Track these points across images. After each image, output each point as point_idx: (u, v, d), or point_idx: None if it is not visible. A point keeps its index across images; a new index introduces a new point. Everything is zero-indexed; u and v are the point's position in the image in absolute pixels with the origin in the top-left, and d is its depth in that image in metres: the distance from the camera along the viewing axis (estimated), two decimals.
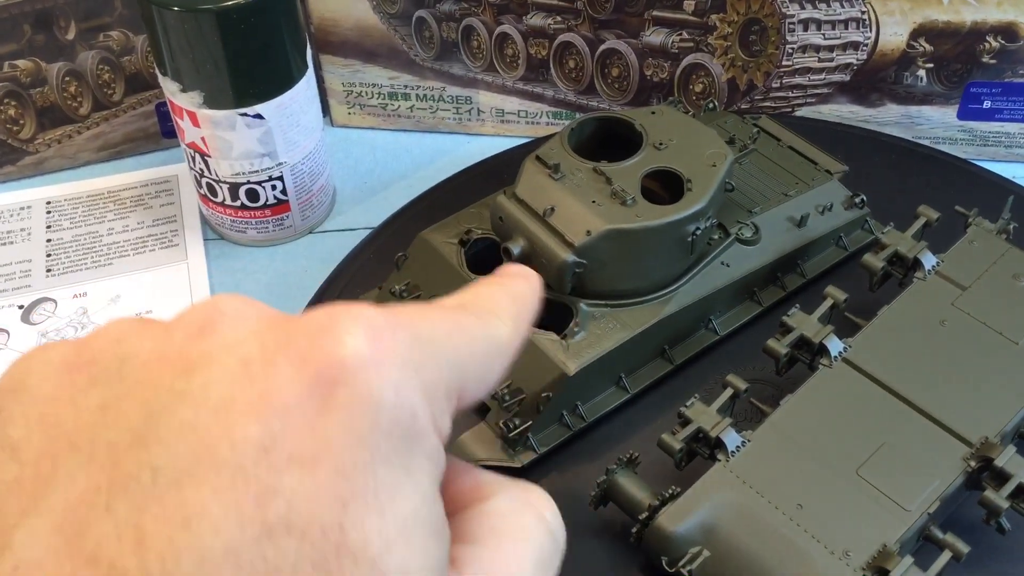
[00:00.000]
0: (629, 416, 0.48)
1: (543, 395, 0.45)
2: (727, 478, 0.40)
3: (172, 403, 0.19)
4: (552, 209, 0.46)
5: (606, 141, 0.50)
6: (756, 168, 0.55)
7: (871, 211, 0.55)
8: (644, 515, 0.40)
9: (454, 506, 0.25)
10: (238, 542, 0.18)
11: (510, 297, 0.27)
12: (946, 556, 0.38)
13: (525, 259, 0.47)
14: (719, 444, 0.41)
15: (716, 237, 0.50)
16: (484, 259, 0.50)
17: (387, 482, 0.20)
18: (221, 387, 0.19)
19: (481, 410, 0.47)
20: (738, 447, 0.41)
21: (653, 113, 0.50)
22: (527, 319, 0.26)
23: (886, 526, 0.38)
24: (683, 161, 0.48)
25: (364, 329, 0.20)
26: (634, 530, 0.40)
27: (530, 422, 0.45)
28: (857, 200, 0.54)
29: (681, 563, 0.38)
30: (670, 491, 0.40)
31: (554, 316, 0.47)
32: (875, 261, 0.47)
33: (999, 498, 0.38)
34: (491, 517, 0.24)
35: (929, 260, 0.47)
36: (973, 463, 0.40)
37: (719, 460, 0.41)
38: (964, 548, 0.38)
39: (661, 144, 0.48)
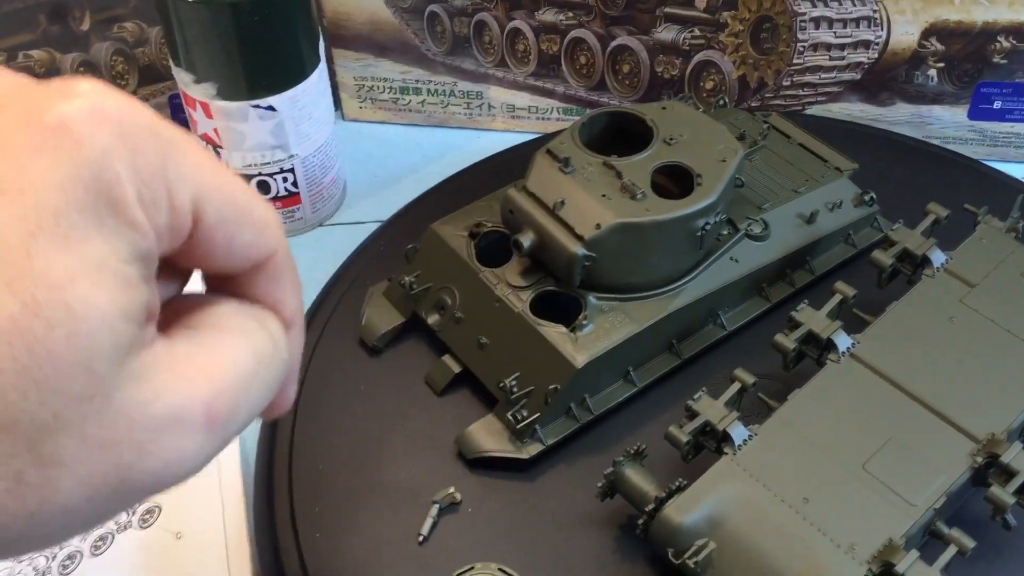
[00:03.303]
0: (637, 409, 0.48)
1: (551, 387, 0.45)
2: (734, 471, 0.40)
3: None
4: (562, 202, 0.46)
5: (617, 136, 0.51)
6: (766, 165, 0.55)
7: (880, 209, 0.55)
8: (651, 507, 0.40)
9: (189, 310, 0.28)
10: None
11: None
12: (951, 551, 0.38)
13: (535, 252, 0.47)
14: (726, 437, 0.41)
15: (725, 232, 0.50)
16: (494, 252, 0.50)
17: (79, 227, 0.22)
18: None
19: (489, 402, 0.48)
20: (745, 440, 0.41)
21: (664, 108, 0.50)
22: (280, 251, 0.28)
23: (892, 520, 0.38)
24: (693, 156, 0.48)
25: (95, 97, 0.23)
26: (640, 522, 0.41)
27: (538, 414, 0.45)
28: (867, 198, 0.54)
29: (687, 555, 0.38)
30: (677, 483, 0.40)
31: (563, 309, 0.47)
32: (884, 258, 0.47)
33: (1005, 494, 0.38)
34: (216, 314, 0.27)
35: (938, 257, 0.47)
36: (979, 459, 0.40)
37: (726, 453, 0.41)
38: (970, 543, 0.38)
39: (671, 139, 0.48)
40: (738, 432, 0.41)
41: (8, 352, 0.20)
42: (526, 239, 0.46)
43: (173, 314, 0.27)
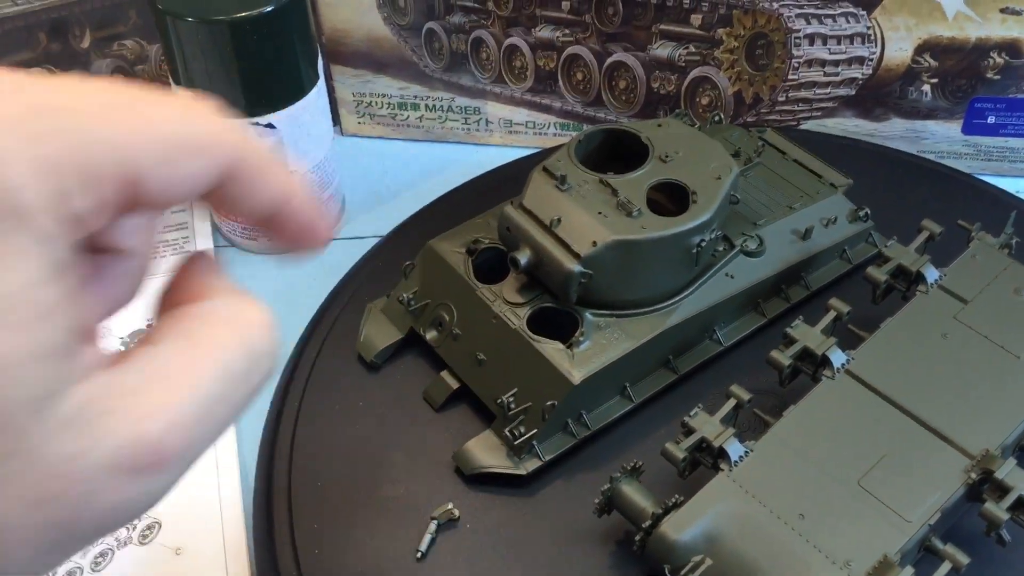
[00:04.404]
0: (633, 425, 0.49)
1: (548, 404, 0.45)
2: (730, 487, 0.41)
3: None
4: (559, 220, 0.46)
5: (613, 153, 0.51)
6: (761, 181, 0.55)
7: (875, 224, 0.55)
8: (647, 523, 0.40)
9: (171, 302, 0.24)
10: None
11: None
12: (946, 567, 0.38)
13: (532, 269, 0.47)
14: (722, 454, 0.42)
15: (721, 249, 0.51)
16: (492, 268, 0.50)
17: None
18: None
19: (487, 418, 0.48)
20: (741, 457, 0.42)
21: (659, 125, 0.51)
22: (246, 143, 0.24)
23: (887, 536, 0.39)
24: (689, 173, 0.48)
25: None
26: (637, 538, 0.41)
27: (535, 430, 0.45)
28: (861, 213, 0.54)
29: (683, 571, 0.39)
30: (673, 500, 0.41)
31: (560, 325, 0.48)
32: (878, 274, 0.47)
33: (999, 510, 0.39)
34: (188, 320, 0.23)
35: (932, 274, 0.47)
36: (974, 475, 0.40)
37: (722, 469, 0.41)
38: (964, 559, 0.38)
39: (667, 156, 0.49)
40: (734, 448, 0.42)
41: None
42: (523, 256, 0.47)
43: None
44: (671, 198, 0.49)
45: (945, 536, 0.40)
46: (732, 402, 0.43)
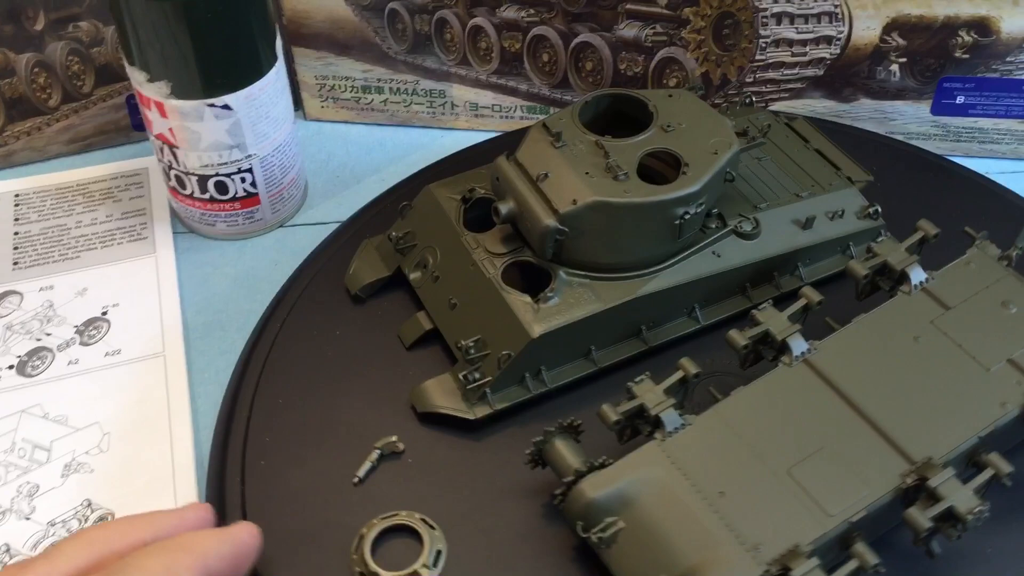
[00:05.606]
0: (596, 390, 0.49)
1: (504, 353, 0.45)
2: (657, 456, 0.40)
3: None
4: (545, 175, 0.46)
5: (620, 120, 0.51)
6: (775, 166, 0.54)
7: (886, 224, 0.53)
8: (569, 479, 0.40)
9: None
10: None
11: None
12: (853, 565, 0.37)
13: (513, 220, 0.48)
14: (658, 423, 0.41)
15: (713, 226, 0.50)
16: (488, 220, 0.50)
17: None
18: None
19: (454, 361, 0.49)
20: (677, 428, 0.41)
21: (670, 96, 0.50)
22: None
23: (803, 526, 0.38)
24: (685, 144, 0.47)
25: None
26: (558, 491, 0.41)
27: (489, 378, 0.46)
28: (871, 211, 0.53)
29: (594, 530, 0.39)
30: (600, 460, 0.41)
31: (537, 281, 0.48)
32: (859, 268, 0.46)
33: (922, 516, 0.37)
34: None
35: (917, 275, 0.45)
36: (909, 480, 0.39)
37: (656, 438, 0.41)
38: (873, 559, 0.37)
39: (669, 126, 0.48)
40: (670, 419, 0.41)
41: None
42: (504, 207, 0.47)
43: None
44: (673, 169, 0.48)
45: (879, 546, 0.39)
46: (679, 374, 0.43)
